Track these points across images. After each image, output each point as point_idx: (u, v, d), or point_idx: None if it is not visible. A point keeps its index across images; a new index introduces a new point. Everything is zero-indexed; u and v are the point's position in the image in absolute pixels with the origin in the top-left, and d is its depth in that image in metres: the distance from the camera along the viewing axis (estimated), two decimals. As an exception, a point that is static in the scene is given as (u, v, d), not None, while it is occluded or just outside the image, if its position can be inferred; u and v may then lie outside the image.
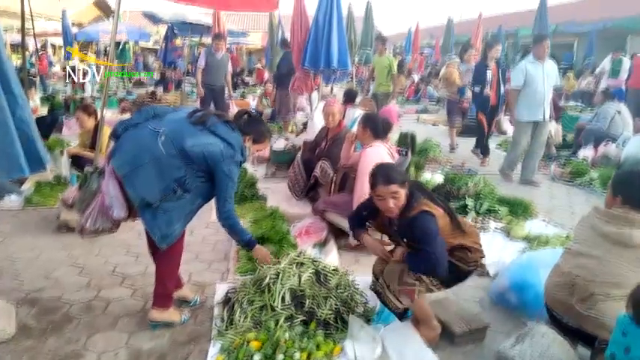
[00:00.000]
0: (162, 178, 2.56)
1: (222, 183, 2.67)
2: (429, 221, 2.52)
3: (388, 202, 2.54)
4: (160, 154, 2.55)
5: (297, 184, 5.25)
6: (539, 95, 6.04)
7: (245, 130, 2.86)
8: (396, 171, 2.66)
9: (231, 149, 2.67)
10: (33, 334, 2.79)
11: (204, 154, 2.59)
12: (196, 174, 2.63)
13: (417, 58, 22.98)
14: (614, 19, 17.72)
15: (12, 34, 16.91)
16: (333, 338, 2.66)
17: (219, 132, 2.67)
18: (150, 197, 2.56)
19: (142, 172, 2.54)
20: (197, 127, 2.65)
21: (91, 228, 2.71)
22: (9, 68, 2.87)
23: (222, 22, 13.11)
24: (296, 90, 9.45)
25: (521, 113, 6.19)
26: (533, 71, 6.00)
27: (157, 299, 2.86)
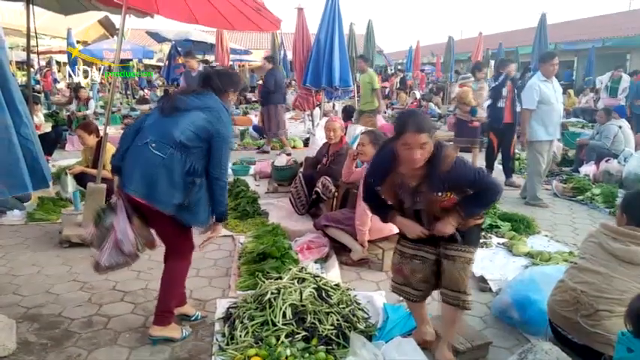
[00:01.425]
0: (175, 179, 2.62)
1: (218, 147, 2.69)
2: (467, 162, 2.47)
3: (414, 153, 2.28)
4: (160, 161, 2.60)
5: (298, 200, 5.26)
6: (556, 113, 5.99)
7: (220, 88, 2.86)
8: (427, 119, 2.44)
9: (214, 112, 2.70)
10: (33, 349, 2.78)
11: (194, 133, 2.64)
12: (199, 156, 2.68)
13: (418, 76, 23.14)
14: (613, 37, 17.90)
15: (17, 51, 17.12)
16: (335, 354, 2.64)
17: (195, 105, 2.71)
18: (178, 200, 2.63)
19: (158, 185, 2.60)
20: (174, 116, 2.69)
21: (105, 264, 2.75)
22: (14, 86, 2.92)
23: (226, 40, 13.30)
24: (298, 107, 9.53)
25: (539, 133, 5.97)
26: (546, 89, 5.91)
27: (158, 315, 2.85)
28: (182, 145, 2.62)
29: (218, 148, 2.69)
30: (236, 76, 3.02)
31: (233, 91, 2.94)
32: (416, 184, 2.45)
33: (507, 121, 7.07)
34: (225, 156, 2.73)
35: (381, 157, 2.54)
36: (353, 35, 12.39)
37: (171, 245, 2.89)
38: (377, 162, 2.59)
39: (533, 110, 5.93)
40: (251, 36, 33.29)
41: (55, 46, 19.25)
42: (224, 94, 2.88)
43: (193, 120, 2.65)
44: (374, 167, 2.61)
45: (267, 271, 3.57)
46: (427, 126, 2.32)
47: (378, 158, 2.59)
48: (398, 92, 19.38)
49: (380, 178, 2.54)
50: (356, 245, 4.04)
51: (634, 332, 1.87)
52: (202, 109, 2.70)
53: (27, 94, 5.57)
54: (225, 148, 2.72)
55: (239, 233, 4.76)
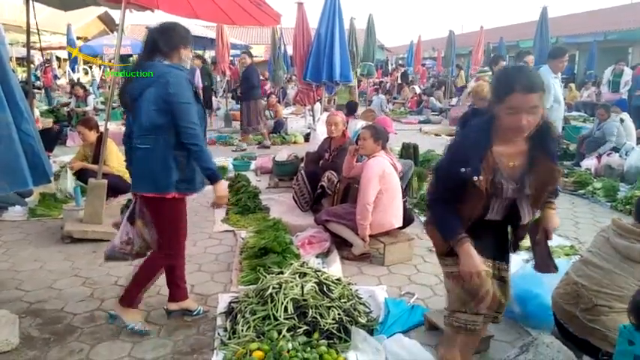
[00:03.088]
0: (168, 160, 2.66)
1: (177, 112, 2.61)
2: None
3: (521, 119, 1.85)
4: (149, 152, 2.67)
5: (302, 198, 5.26)
6: (562, 110, 5.97)
7: (165, 49, 2.73)
8: (538, 76, 1.93)
9: (161, 79, 2.63)
10: (36, 344, 2.79)
11: (155, 111, 2.62)
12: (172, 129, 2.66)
13: (419, 70, 23.11)
14: (615, 31, 17.82)
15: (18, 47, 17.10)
16: (336, 349, 2.65)
17: (143, 84, 2.67)
18: (176, 177, 2.68)
19: (157, 174, 2.67)
20: (135, 106, 2.70)
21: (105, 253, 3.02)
22: (14, 82, 2.92)
23: (226, 35, 13.25)
24: (299, 102, 9.53)
25: None
26: (557, 87, 5.84)
27: (123, 295, 2.93)
28: (156, 127, 2.64)
29: (176, 112, 2.61)
30: (180, 28, 2.81)
31: (183, 46, 2.78)
32: (518, 163, 1.99)
33: None
34: (186, 117, 2.62)
35: (474, 134, 2.02)
36: (353, 30, 12.34)
37: (161, 237, 2.88)
38: (469, 142, 2.03)
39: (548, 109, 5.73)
40: (251, 31, 33.23)
41: (55, 42, 19.22)
42: (173, 53, 2.75)
43: (149, 99, 2.64)
44: (466, 150, 1.98)
45: (268, 265, 3.58)
46: (539, 84, 1.87)
47: (471, 136, 2.06)
48: (401, 86, 19.34)
49: (478, 161, 1.92)
50: (357, 240, 4.05)
51: (636, 325, 1.87)
52: (150, 83, 2.65)
53: (27, 90, 5.57)
54: (182, 110, 2.61)
55: (240, 228, 4.77)
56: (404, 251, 4.09)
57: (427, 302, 3.37)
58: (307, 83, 8.57)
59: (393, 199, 4.06)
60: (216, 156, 8.45)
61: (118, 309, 2.93)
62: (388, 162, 4.11)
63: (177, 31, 2.80)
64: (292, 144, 9.86)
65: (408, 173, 5.65)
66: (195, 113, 2.66)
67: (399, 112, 15.76)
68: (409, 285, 3.66)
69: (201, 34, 15.15)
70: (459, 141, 2.16)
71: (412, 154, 6.61)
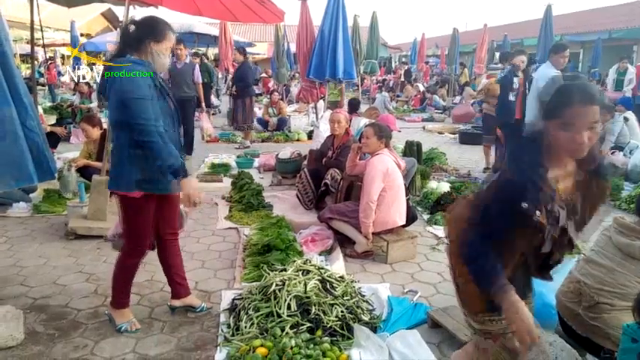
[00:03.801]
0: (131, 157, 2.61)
1: (130, 106, 2.50)
2: None
3: (581, 136, 1.60)
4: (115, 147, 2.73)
5: (306, 196, 5.27)
6: None
7: (134, 43, 2.65)
8: (595, 86, 1.79)
9: (117, 76, 2.55)
10: (41, 339, 2.81)
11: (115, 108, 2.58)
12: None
13: (423, 68, 23.05)
14: (620, 29, 17.74)
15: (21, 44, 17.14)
16: (339, 346, 2.65)
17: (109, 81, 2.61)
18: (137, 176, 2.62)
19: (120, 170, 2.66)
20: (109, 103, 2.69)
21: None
22: (18, 79, 2.93)
23: (229, 32, 13.25)
24: (302, 99, 9.52)
25: None
26: (560, 81, 5.88)
27: (112, 298, 2.97)
28: (117, 123, 2.64)
29: (128, 107, 2.50)
30: (151, 22, 2.69)
31: (153, 40, 2.63)
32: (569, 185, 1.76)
33: (517, 117, 6.47)
34: (137, 113, 2.48)
35: (527, 161, 1.68)
36: (357, 27, 12.32)
37: (125, 235, 2.87)
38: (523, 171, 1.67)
39: None
40: (254, 28, 33.21)
41: (59, 38, 19.27)
42: (141, 47, 2.64)
43: (111, 95, 2.61)
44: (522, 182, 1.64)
45: (271, 263, 3.58)
46: (598, 95, 1.64)
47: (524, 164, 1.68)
48: (404, 84, 19.31)
49: (537, 192, 1.63)
50: (360, 237, 4.05)
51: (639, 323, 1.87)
52: (114, 79, 2.58)
53: (31, 86, 5.58)
54: (133, 105, 2.49)
55: (244, 225, 4.78)
56: (407, 249, 4.09)
57: (430, 300, 3.37)
58: (310, 81, 8.56)
59: (396, 197, 4.06)
60: (219, 153, 8.52)
61: (110, 310, 2.97)
62: (392, 160, 4.11)
63: (148, 24, 2.70)
64: (295, 141, 9.86)
65: (411, 171, 5.65)
66: (149, 109, 2.50)
67: (402, 110, 15.74)
68: (412, 283, 3.66)
69: (205, 31, 15.15)
70: (511, 172, 1.72)
71: (415, 152, 6.61)
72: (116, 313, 2.94)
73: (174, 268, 3.08)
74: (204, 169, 7.25)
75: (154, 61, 2.67)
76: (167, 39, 2.68)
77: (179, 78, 7.67)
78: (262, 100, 15.80)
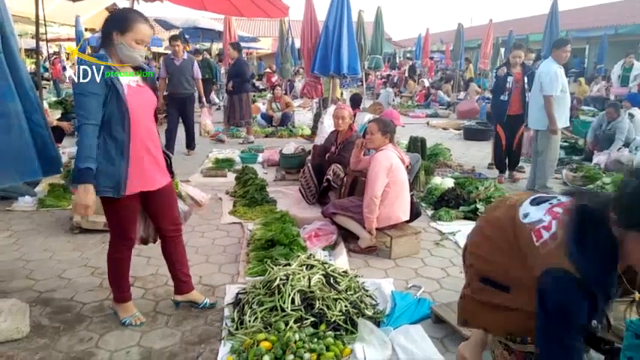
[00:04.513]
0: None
1: (74, 99, 2.50)
2: None
3: None
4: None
5: (308, 190, 5.28)
6: (569, 100, 5.97)
7: (101, 35, 2.58)
8: None
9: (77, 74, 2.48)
10: (46, 332, 2.83)
11: None
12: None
13: (427, 63, 22.98)
14: (626, 25, 17.62)
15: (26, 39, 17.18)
16: (343, 340, 2.66)
17: None
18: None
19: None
20: None
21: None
22: (24, 73, 2.94)
23: (233, 28, 13.24)
24: (306, 95, 9.51)
25: (557, 119, 5.84)
26: (563, 76, 5.85)
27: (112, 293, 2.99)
28: None
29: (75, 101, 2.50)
30: (119, 12, 2.61)
31: (117, 30, 2.51)
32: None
33: (515, 112, 6.54)
34: (76, 109, 2.47)
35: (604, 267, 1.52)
36: (362, 23, 12.29)
37: (110, 230, 2.87)
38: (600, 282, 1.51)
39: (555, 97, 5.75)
40: (259, 23, 33.17)
41: (64, 33, 19.29)
42: (106, 40, 2.56)
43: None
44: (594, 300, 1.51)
45: (275, 257, 3.59)
46: None
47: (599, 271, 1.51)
48: (407, 80, 19.27)
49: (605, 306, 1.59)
50: (364, 233, 4.05)
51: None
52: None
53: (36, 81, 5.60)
54: (75, 100, 2.48)
55: (248, 220, 4.79)
56: (411, 244, 4.09)
57: (434, 295, 3.38)
58: (315, 76, 8.55)
59: (400, 192, 4.05)
60: (223, 149, 8.53)
61: (113, 304, 2.99)
62: (396, 155, 4.11)
63: (114, 16, 2.61)
64: (299, 137, 9.86)
65: (415, 167, 5.64)
66: (86, 104, 2.42)
67: (406, 106, 15.71)
68: (416, 278, 3.66)
69: (209, 26, 15.14)
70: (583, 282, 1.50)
71: (420, 148, 6.60)
72: (119, 307, 2.96)
73: (178, 264, 3.06)
74: (209, 164, 7.26)
75: (119, 53, 2.54)
76: (133, 30, 2.51)
77: (178, 74, 7.63)
78: (266, 96, 15.79)
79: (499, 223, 1.92)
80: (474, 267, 2.04)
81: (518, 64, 6.51)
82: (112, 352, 2.65)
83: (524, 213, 1.81)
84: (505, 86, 6.51)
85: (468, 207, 5.13)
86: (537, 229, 1.69)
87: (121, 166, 2.53)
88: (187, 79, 7.71)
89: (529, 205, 1.84)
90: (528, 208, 1.82)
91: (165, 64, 7.86)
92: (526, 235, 1.72)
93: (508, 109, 6.53)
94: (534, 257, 1.66)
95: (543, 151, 6.02)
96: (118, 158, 2.52)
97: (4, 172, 2.91)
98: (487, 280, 1.93)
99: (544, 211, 1.74)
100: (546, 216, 1.71)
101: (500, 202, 2.08)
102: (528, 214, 1.80)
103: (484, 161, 7.84)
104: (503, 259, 1.84)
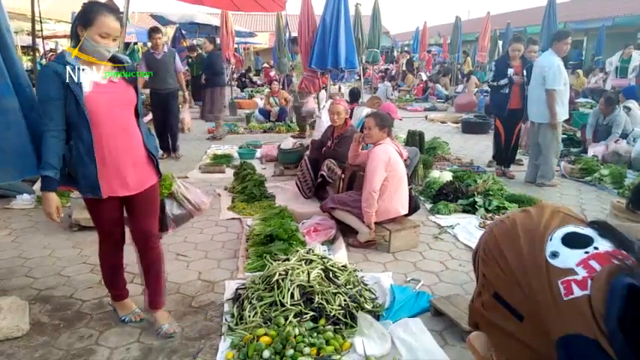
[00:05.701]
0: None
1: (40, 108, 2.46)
2: None
3: None
4: None
5: (305, 183, 5.28)
6: (567, 92, 5.97)
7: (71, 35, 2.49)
8: None
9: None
10: (46, 330, 2.83)
11: None
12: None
13: (425, 57, 22.92)
14: (623, 15, 17.58)
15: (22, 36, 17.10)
16: (343, 334, 2.67)
17: None
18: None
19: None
20: None
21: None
22: (21, 70, 2.92)
23: (230, 22, 13.18)
24: (304, 89, 9.47)
25: (560, 114, 5.85)
26: (563, 69, 5.84)
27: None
28: None
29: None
30: (84, 5, 2.45)
31: (81, 24, 2.39)
32: None
33: (515, 106, 6.39)
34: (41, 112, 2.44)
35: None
36: (359, 16, 12.25)
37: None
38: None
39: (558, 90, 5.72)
40: (256, 18, 33.05)
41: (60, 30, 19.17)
42: (75, 36, 2.44)
43: None
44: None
45: (274, 253, 3.60)
46: None
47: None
48: (405, 74, 19.22)
49: None
50: (363, 227, 4.06)
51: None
52: None
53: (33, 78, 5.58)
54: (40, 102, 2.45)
55: (246, 216, 4.79)
56: (409, 238, 4.10)
57: (432, 289, 3.38)
58: (312, 70, 8.51)
59: (398, 186, 4.05)
60: (221, 144, 8.52)
61: (112, 302, 2.99)
62: (394, 149, 4.10)
63: (80, 10, 2.46)
64: (297, 132, 9.84)
65: (414, 160, 5.65)
66: (47, 109, 2.37)
67: (404, 100, 15.68)
68: (415, 272, 3.67)
69: (206, 21, 15.08)
70: None
71: (418, 142, 6.60)
72: (117, 305, 2.95)
73: (146, 275, 2.85)
74: (207, 160, 7.25)
75: (85, 49, 2.41)
76: (96, 24, 2.36)
77: (160, 69, 7.10)
78: (264, 91, 15.75)
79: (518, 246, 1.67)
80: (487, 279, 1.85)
81: (518, 58, 6.39)
82: (112, 349, 2.66)
83: (553, 251, 1.59)
84: (506, 75, 6.30)
85: (466, 200, 5.13)
86: (567, 281, 1.49)
87: (91, 168, 2.47)
88: (171, 73, 7.25)
89: (560, 243, 1.63)
90: (559, 246, 1.60)
91: (145, 59, 7.32)
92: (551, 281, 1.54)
93: (509, 103, 6.39)
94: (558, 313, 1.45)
95: (547, 146, 5.99)
96: (88, 160, 2.46)
97: (3, 169, 2.90)
98: (500, 299, 1.74)
99: (578, 260, 1.54)
100: (580, 269, 1.49)
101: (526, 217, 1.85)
102: (558, 254, 1.57)
103: (482, 154, 7.84)
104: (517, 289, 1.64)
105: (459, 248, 4.14)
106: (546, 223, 1.75)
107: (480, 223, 4.66)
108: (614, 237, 1.56)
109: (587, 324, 1.41)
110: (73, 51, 2.39)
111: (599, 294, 1.37)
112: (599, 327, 1.36)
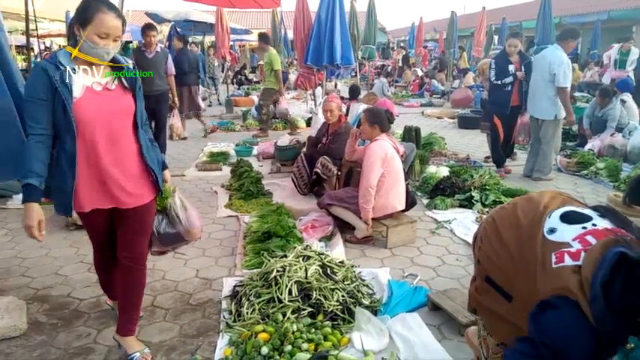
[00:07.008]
0: None
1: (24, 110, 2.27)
2: None
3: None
4: None
5: (301, 180, 5.28)
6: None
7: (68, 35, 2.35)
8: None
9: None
10: (44, 329, 2.83)
11: None
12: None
13: (421, 52, 22.92)
14: (619, 9, 17.60)
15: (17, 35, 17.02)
16: (341, 330, 2.68)
17: None
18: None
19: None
20: None
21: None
22: (15, 70, 2.91)
23: (225, 20, 13.16)
24: (300, 86, 9.47)
25: (561, 111, 5.79)
26: None
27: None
28: None
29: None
30: (80, 3, 2.24)
31: (78, 24, 2.19)
32: None
33: (515, 103, 6.21)
34: (25, 114, 2.23)
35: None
36: (354, 12, 12.23)
37: None
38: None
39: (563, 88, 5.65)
40: (251, 15, 32.96)
41: (55, 29, 19.09)
42: (69, 36, 2.30)
43: None
44: None
45: (272, 249, 3.60)
46: None
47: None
48: (402, 69, 19.21)
49: None
50: (360, 223, 4.06)
51: None
52: None
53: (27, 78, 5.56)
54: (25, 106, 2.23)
55: (244, 213, 4.79)
56: (407, 234, 4.11)
57: (430, 283, 3.40)
58: (308, 67, 8.51)
59: (395, 182, 4.06)
60: (217, 142, 8.50)
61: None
62: (390, 145, 4.10)
63: (77, 8, 2.24)
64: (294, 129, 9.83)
65: (410, 156, 5.65)
66: (32, 112, 2.16)
67: (400, 96, 15.69)
68: (412, 267, 3.68)
69: (201, 19, 15.01)
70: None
71: (414, 137, 6.60)
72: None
73: (121, 296, 2.60)
74: (203, 158, 7.24)
75: (83, 50, 2.20)
76: (93, 22, 2.15)
77: (149, 69, 6.48)
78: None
79: (518, 225, 1.71)
80: (481, 264, 1.87)
81: (515, 53, 6.21)
82: (111, 347, 2.66)
83: (551, 227, 1.57)
84: (507, 74, 6.12)
85: (463, 195, 5.14)
86: (560, 252, 1.46)
87: (69, 183, 2.26)
88: (161, 74, 6.79)
89: (559, 220, 1.58)
90: (557, 223, 1.57)
91: (134, 57, 6.71)
92: (544, 253, 1.51)
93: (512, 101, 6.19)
94: (545, 278, 1.47)
95: (547, 141, 5.97)
96: (69, 173, 2.24)
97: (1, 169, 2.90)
98: (491, 282, 1.77)
99: (575, 235, 1.50)
100: (576, 242, 1.47)
101: (527, 200, 1.83)
102: (555, 230, 1.55)
103: (479, 149, 7.85)
104: (510, 266, 1.68)
105: (456, 243, 4.15)
106: (546, 203, 1.77)
107: (476, 217, 4.67)
108: (615, 217, 1.57)
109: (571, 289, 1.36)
110: (73, 51, 2.21)
111: (590, 263, 1.38)
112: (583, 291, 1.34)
